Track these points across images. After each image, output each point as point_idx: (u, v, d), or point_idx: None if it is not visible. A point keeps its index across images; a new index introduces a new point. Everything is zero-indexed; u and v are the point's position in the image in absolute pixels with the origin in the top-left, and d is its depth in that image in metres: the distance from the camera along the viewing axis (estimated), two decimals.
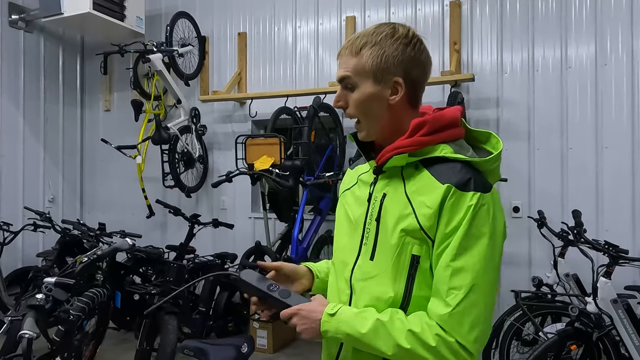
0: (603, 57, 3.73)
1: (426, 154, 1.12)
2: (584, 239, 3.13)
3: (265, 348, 4.18)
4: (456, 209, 1.04)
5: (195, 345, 1.82)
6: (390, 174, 1.17)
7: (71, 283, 1.85)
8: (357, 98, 1.15)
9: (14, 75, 5.02)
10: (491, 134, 1.18)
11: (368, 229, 1.17)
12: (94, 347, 3.54)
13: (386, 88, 1.13)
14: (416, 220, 1.08)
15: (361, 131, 1.19)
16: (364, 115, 1.16)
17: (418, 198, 1.09)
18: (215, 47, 5.08)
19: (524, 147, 3.92)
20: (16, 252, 4.88)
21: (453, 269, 1.03)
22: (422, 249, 1.08)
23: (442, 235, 1.06)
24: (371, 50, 1.12)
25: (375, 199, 1.17)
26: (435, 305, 1.05)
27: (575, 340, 2.86)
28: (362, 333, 1.06)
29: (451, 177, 1.06)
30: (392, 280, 1.11)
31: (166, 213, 4.71)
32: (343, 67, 1.15)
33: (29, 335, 1.58)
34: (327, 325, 1.10)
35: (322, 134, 4.37)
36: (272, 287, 1.19)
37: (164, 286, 3.53)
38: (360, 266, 1.17)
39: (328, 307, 1.12)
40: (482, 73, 4.04)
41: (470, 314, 1.02)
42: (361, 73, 1.13)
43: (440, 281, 1.05)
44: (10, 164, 4.95)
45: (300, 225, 3.87)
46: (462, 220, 1.04)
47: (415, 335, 1.03)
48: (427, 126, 1.12)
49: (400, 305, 1.10)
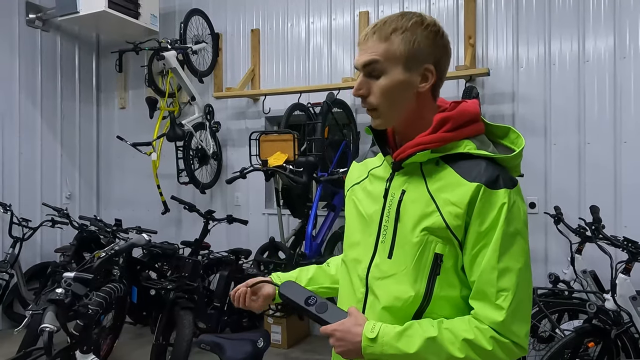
0: (622, 50, 3.66)
1: (449, 150, 1.09)
2: (602, 235, 3.08)
3: (280, 343, 4.21)
4: (489, 208, 1.03)
5: (212, 339, 1.83)
6: (408, 170, 1.14)
7: (90, 278, 1.88)
8: (384, 85, 1.09)
9: (32, 74, 5.10)
10: (510, 128, 1.16)
11: (385, 226, 1.13)
12: (112, 341, 3.60)
13: (416, 75, 1.09)
14: (442, 219, 1.05)
15: (377, 119, 1.13)
16: (389, 104, 1.10)
17: (442, 196, 1.07)
18: (229, 43, 5.10)
19: (540, 143, 3.87)
20: (35, 247, 4.97)
21: (499, 271, 1.02)
22: (446, 247, 1.06)
23: (476, 234, 1.04)
24: (402, 36, 1.07)
25: (393, 195, 1.14)
26: (484, 309, 1.03)
27: (593, 337, 2.82)
28: (410, 354, 1.02)
29: (479, 175, 1.04)
30: (412, 279, 1.08)
31: (181, 209, 4.76)
32: (370, 52, 1.08)
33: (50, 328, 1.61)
34: (370, 349, 1.04)
35: (335, 130, 4.36)
36: (310, 300, 1.15)
37: (180, 281, 3.56)
38: (378, 264, 1.14)
39: (367, 330, 1.05)
40: (497, 67, 3.99)
41: (520, 313, 1.03)
42: (391, 59, 1.07)
43: (487, 283, 1.03)
44: (29, 161, 5.04)
45: (314, 222, 3.88)
46: (497, 219, 1.03)
47: (470, 342, 1.02)
48: (451, 122, 1.09)
49: (420, 305, 1.08)
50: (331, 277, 1.39)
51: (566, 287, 3.42)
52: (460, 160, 1.09)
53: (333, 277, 1.39)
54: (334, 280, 1.38)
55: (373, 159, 1.28)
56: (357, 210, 1.23)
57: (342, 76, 4.43)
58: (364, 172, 1.27)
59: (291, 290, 1.19)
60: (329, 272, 1.41)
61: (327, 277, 1.40)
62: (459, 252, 1.07)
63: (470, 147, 1.09)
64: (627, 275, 2.87)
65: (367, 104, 1.13)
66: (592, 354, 2.88)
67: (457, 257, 1.07)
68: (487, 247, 1.03)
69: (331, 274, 1.40)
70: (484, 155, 1.08)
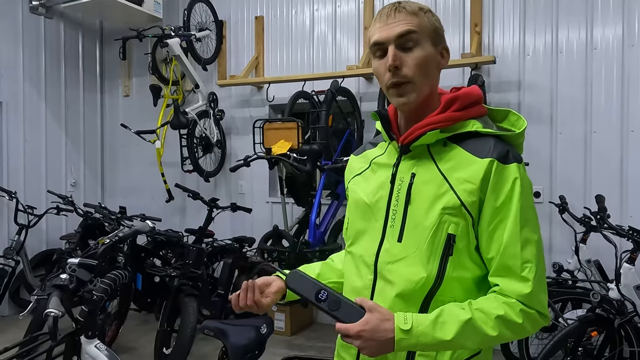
0: (631, 38, 3.61)
1: (457, 130, 1.11)
2: (607, 224, 3.07)
3: (283, 330, 4.24)
4: (503, 183, 1.05)
5: (216, 325, 1.85)
6: (416, 154, 1.14)
7: (94, 264, 1.89)
8: (420, 56, 1.09)
9: (36, 62, 5.09)
10: (510, 111, 1.18)
11: (394, 211, 1.13)
12: (117, 327, 3.64)
13: (438, 53, 1.14)
14: (456, 197, 1.06)
15: (409, 93, 1.10)
16: (423, 76, 1.10)
17: (455, 175, 1.08)
18: (233, 31, 5.06)
19: (546, 131, 3.84)
20: (40, 234, 5.00)
21: (522, 243, 1.04)
22: (459, 228, 1.07)
23: (492, 209, 1.06)
24: (427, 14, 1.12)
25: (402, 179, 1.14)
26: (510, 283, 1.04)
27: (597, 326, 2.82)
28: (448, 340, 1.01)
29: (490, 151, 1.07)
30: (425, 260, 1.08)
31: (185, 197, 4.76)
32: (405, 24, 1.08)
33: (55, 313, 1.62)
34: (405, 342, 1.00)
35: (339, 118, 4.34)
36: (321, 294, 1.08)
37: (184, 269, 3.58)
38: (388, 249, 1.13)
39: (399, 322, 1.01)
40: (503, 55, 3.95)
41: (543, 282, 1.06)
42: (425, 31, 1.10)
43: (512, 257, 1.04)
44: (34, 149, 5.05)
45: (318, 210, 3.87)
46: (511, 192, 1.05)
47: (502, 318, 1.02)
48: (459, 101, 1.12)
49: (432, 286, 1.08)
50: (338, 271, 1.38)
51: (570, 276, 3.42)
52: (468, 140, 1.11)
53: (340, 271, 1.37)
54: (341, 274, 1.36)
55: (373, 150, 1.29)
56: (361, 199, 1.22)
57: (347, 64, 4.40)
58: (364, 163, 1.28)
59: (300, 283, 1.12)
60: (335, 266, 1.39)
61: (334, 271, 1.38)
62: (472, 231, 1.08)
63: (477, 126, 1.11)
64: (631, 264, 2.86)
65: (401, 76, 1.09)
66: (595, 343, 2.88)
67: (470, 238, 1.08)
68: (506, 221, 1.05)
69: (338, 268, 1.38)
70: (491, 133, 1.11)
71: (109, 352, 1.92)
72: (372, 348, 1.01)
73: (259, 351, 1.90)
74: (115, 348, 3.66)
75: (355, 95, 4.34)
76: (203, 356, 3.72)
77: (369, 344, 1.00)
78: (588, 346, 2.86)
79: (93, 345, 1.92)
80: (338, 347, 1.28)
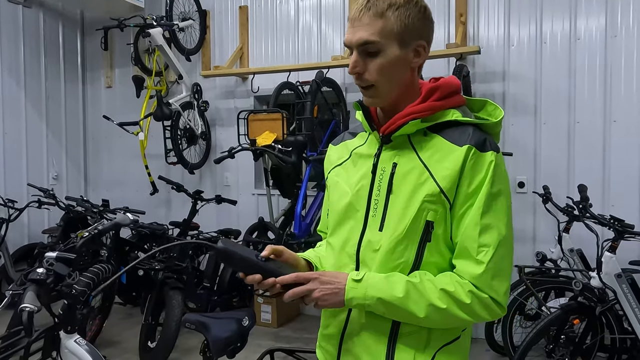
0: (613, 29, 3.63)
1: (437, 119, 1.12)
2: (589, 213, 3.10)
3: (270, 322, 4.23)
4: (477, 169, 1.06)
5: (197, 318, 1.83)
6: (397, 144, 1.15)
7: (72, 258, 1.85)
8: (382, 63, 1.08)
9: (15, 52, 4.97)
10: (487, 101, 1.19)
11: (376, 200, 1.14)
12: (100, 322, 3.60)
13: (410, 51, 1.10)
14: (436, 184, 1.07)
15: (375, 97, 1.13)
16: (386, 81, 1.10)
17: (435, 163, 1.09)
18: (217, 21, 4.99)
19: (530, 122, 3.86)
20: (22, 228, 4.92)
21: (481, 227, 1.05)
22: (437, 214, 1.08)
23: (464, 195, 1.07)
24: (397, 12, 1.06)
25: (383, 169, 1.14)
26: (465, 264, 1.06)
27: (578, 314, 2.86)
28: (393, 296, 1.04)
29: (468, 139, 1.08)
30: (403, 247, 1.09)
31: (170, 190, 4.71)
32: (366, 30, 1.07)
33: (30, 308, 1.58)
34: (353, 292, 1.06)
35: (325, 109, 4.32)
36: (259, 257, 1.07)
37: (168, 262, 3.55)
38: (369, 238, 1.14)
39: (352, 274, 1.08)
40: (488, 46, 3.95)
41: (500, 269, 1.06)
42: (388, 36, 1.07)
43: (469, 239, 1.06)
44: (14, 141, 4.95)
45: (304, 202, 3.86)
46: (483, 179, 1.06)
47: (449, 294, 1.04)
48: (439, 91, 1.12)
49: (409, 272, 1.10)
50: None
51: (553, 265, 3.46)
52: (447, 129, 1.12)
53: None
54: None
55: (353, 140, 1.29)
56: (342, 189, 1.22)
57: (332, 54, 4.36)
58: (344, 154, 1.28)
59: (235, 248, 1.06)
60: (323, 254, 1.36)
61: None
62: (449, 217, 1.09)
63: (457, 115, 1.12)
64: (612, 253, 2.89)
65: (363, 81, 1.12)
66: (577, 330, 2.92)
67: (446, 224, 1.10)
68: (473, 206, 1.06)
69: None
70: (470, 122, 1.12)
71: (89, 347, 1.88)
72: (323, 292, 1.06)
73: (241, 343, 1.89)
74: (99, 342, 3.63)
75: (340, 86, 4.32)
76: (188, 349, 3.70)
77: (321, 288, 1.06)
78: (570, 334, 2.91)
79: (72, 340, 1.88)
80: (320, 338, 1.28)
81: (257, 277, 1.07)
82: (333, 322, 1.20)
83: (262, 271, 1.06)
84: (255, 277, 1.07)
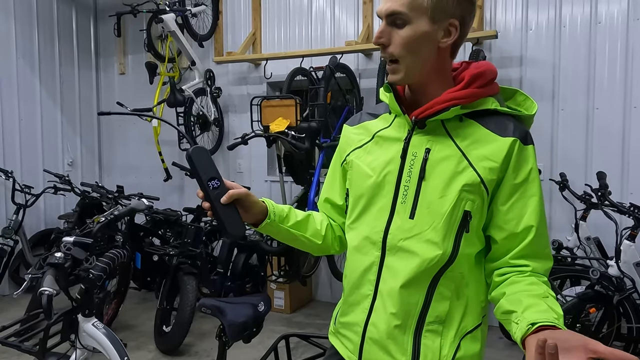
0: (636, 11, 3.53)
1: (477, 107, 1.09)
2: (608, 201, 3.05)
3: (283, 308, 4.26)
4: (523, 162, 1.07)
5: (213, 303, 1.83)
6: (430, 129, 1.11)
7: (89, 242, 1.86)
8: (407, 35, 1.05)
9: (29, 38, 4.99)
10: (517, 91, 1.16)
11: (406, 187, 1.10)
12: (116, 306, 3.65)
13: (440, 29, 1.06)
14: (476, 174, 1.06)
15: (398, 72, 1.09)
16: (410, 55, 1.06)
17: (474, 151, 1.07)
18: (229, 6, 4.95)
19: (548, 108, 3.79)
20: (39, 214, 4.98)
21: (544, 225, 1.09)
22: (475, 204, 1.07)
23: (512, 187, 1.07)
24: None
25: (415, 154, 1.10)
26: (541, 263, 1.08)
27: (595, 303, 2.83)
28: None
29: (512, 131, 1.08)
30: (440, 237, 1.07)
31: (183, 176, 4.73)
32: (396, 1, 1.04)
33: (49, 291, 1.61)
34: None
35: (338, 95, 4.28)
36: (214, 182, 1.07)
37: (182, 247, 3.58)
38: (400, 225, 1.10)
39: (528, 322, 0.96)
40: (505, 30, 3.87)
41: None
42: (418, 9, 1.03)
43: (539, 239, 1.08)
44: (29, 127, 4.99)
45: (317, 188, 3.85)
46: (530, 173, 1.08)
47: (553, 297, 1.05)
48: (482, 78, 1.09)
49: (446, 263, 1.08)
50: (314, 230, 1.28)
51: (569, 253, 3.41)
52: (484, 117, 1.09)
53: (316, 231, 1.28)
54: (315, 233, 1.27)
55: (374, 122, 1.23)
56: (364, 172, 1.17)
57: (346, 40, 4.31)
58: (365, 136, 1.22)
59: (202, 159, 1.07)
60: (313, 224, 1.28)
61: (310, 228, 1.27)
62: (485, 208, 1.08)
63: (495, 105, 1.10)
64: (632, 241, 2.85)
65: (387, 54, 1.09)
66: (593, 319, 2.89)
67: (482, 215, 1.09)
68: (525, 200, 1.07)
69: (316, 227, 1.28)
70: (509, 113, 1.10)
71: (106, 330, 1.91)
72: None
73: (257, 329, 1.89)
74: (115, 326, 3.69)
75: (354, 71, 4.27)
76: (202, 333, 3.74)
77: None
78: (586, 322, 2.88)
79: (90, 324, 1.91)
80: (339, 326, 1.24)
81: (201, 193, 1.09)
82: (355, 310, 1.18)
83: (206, 195, 1.08)
84: (199, 193, 1.10)
